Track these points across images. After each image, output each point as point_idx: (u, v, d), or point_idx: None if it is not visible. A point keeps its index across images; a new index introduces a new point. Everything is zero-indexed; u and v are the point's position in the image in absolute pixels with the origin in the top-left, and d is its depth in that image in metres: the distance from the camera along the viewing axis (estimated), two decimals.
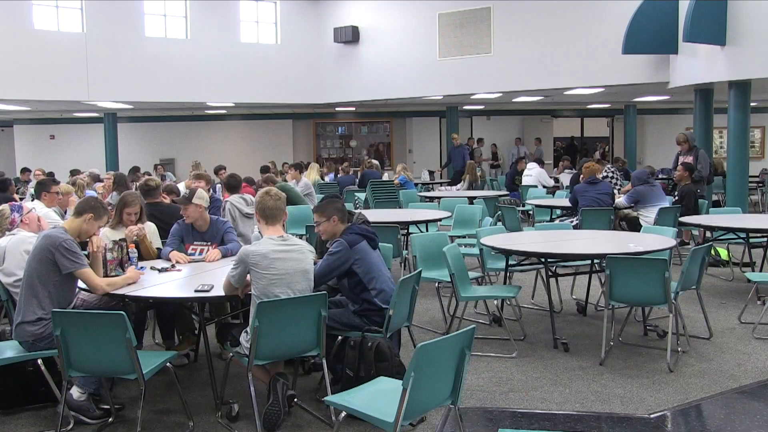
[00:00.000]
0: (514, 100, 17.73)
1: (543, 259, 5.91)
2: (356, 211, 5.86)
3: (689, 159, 10.15)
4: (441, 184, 16.26)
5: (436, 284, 6.20)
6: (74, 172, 12.78)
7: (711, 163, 10.64)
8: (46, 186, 7.05)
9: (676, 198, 9.40)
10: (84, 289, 4.47)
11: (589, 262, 6.14)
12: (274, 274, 4.06)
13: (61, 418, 4.01)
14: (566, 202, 9.45)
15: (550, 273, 5.98)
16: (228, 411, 4.33)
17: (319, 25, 16.23)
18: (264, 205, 4.28)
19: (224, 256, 5.32)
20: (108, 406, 4.33)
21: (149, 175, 10.90)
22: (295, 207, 8.97)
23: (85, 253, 4.56)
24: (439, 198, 10.85)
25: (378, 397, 3.38)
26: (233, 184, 7.48)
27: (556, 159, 20.78)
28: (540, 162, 14.87)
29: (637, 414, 4.30)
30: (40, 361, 4.31)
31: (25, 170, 15.81)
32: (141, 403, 3.88)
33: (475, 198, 10.45)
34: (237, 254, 4.16)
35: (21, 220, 5.14)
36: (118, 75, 14.22)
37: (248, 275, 4.13)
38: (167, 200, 7.06)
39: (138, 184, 9.32)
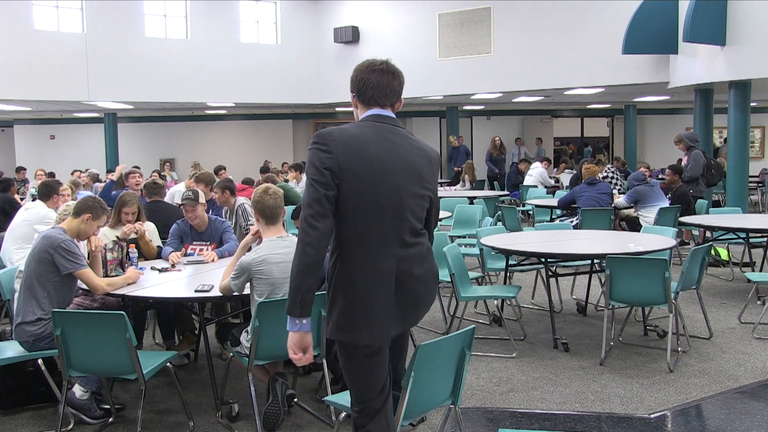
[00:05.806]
0: (514, 100, 17.72)
1: (543, 259, 5.91)
2: None
3: (686, 159, 10.13)
4: (441, 184, 16.24)
5: None
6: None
7: (709, 165, 10.58)
8: (54, 189, 6.90)
9: (671, 200, 9.40)
10: (84, 290, 4.46)
11: (589, 262, 6.14)
12: (277, 277, 4.03)
13: (61, 418, 4.00)
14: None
15: (550, 273, 5.99)
16: (228, 411, 4.33)
17: (319, 25, 16.21)
18: (263, 205, 4.15)
19: (221, 257, 5.33)
20: (108, 406, 4.33)
21: (149, 174, 10.86)
22: (296, 207, 8.95)
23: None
24: (439, 198, 10.82)
25: None
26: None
27: (555, 159, 20.75)
28: (547, 161, 14.83)
29: (637, 414, 4.30)
30: (40, 361, 4.31)
31: (20, 169, 15.78)
32: (141, 403, 3.89)
33: (475, 198, 10.45)
34: (238, 264, 4.09)
35: None
36: (118, 75, 14.19)
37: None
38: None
39: (144, 182, 9.27)
